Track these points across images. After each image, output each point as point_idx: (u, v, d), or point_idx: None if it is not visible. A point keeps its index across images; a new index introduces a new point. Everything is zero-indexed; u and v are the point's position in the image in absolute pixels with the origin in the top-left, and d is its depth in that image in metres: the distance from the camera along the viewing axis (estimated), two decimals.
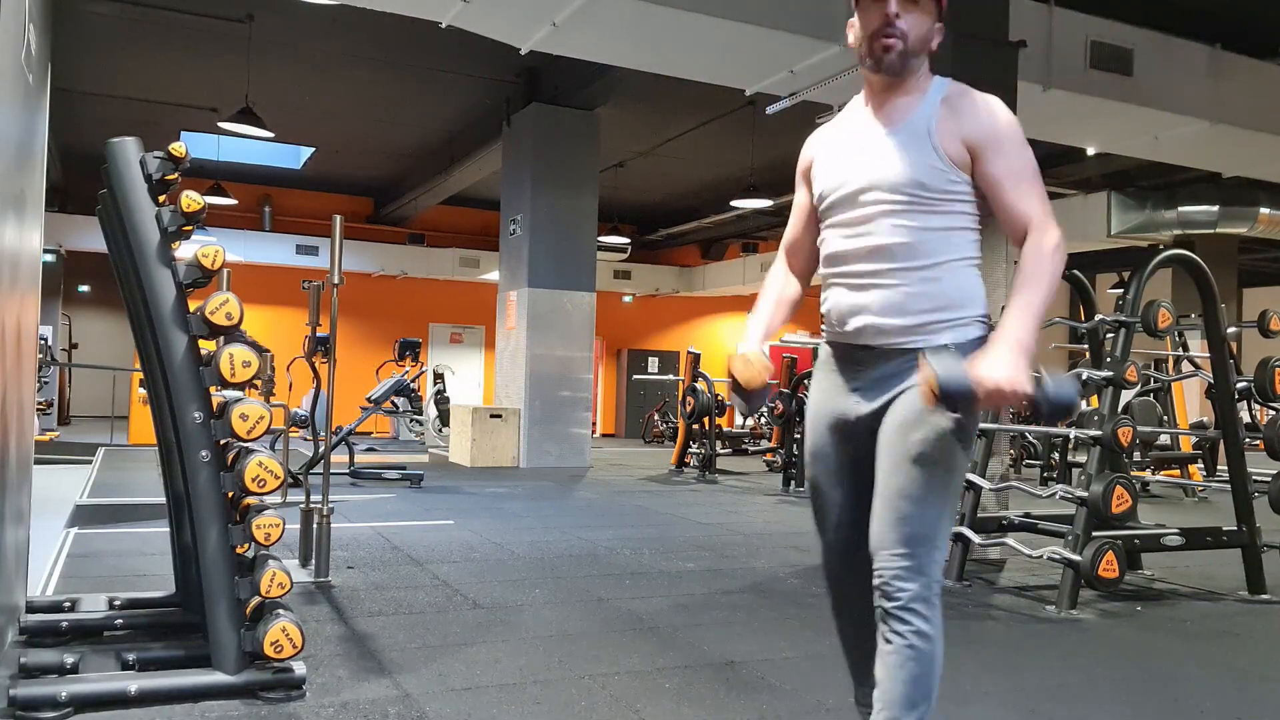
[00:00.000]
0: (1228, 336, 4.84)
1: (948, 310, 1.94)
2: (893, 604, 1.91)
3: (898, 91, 2.01)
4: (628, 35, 6.69)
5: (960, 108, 1.97)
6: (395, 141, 13.69)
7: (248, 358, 2.85)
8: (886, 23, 1.95)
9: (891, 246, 1.95)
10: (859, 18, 2.01)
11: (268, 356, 7.60)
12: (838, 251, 2.03)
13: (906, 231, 1.93)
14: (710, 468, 10.37)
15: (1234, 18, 7.94)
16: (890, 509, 1.93)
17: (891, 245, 1.94)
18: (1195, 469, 9.52)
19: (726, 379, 2.11)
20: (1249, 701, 3.11)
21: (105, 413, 14.63)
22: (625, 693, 2.97)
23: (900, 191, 1.94)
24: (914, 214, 1.93)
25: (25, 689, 2.57)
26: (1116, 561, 4.21)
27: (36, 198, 3.75)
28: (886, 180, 1.95)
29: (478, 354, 18.14)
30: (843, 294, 2.01)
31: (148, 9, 9.10)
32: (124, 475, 8.62)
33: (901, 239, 1.94)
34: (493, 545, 5.56)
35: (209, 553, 2.79)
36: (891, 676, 1.91)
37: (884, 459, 1.95)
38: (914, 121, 1.97)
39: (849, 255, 2.00)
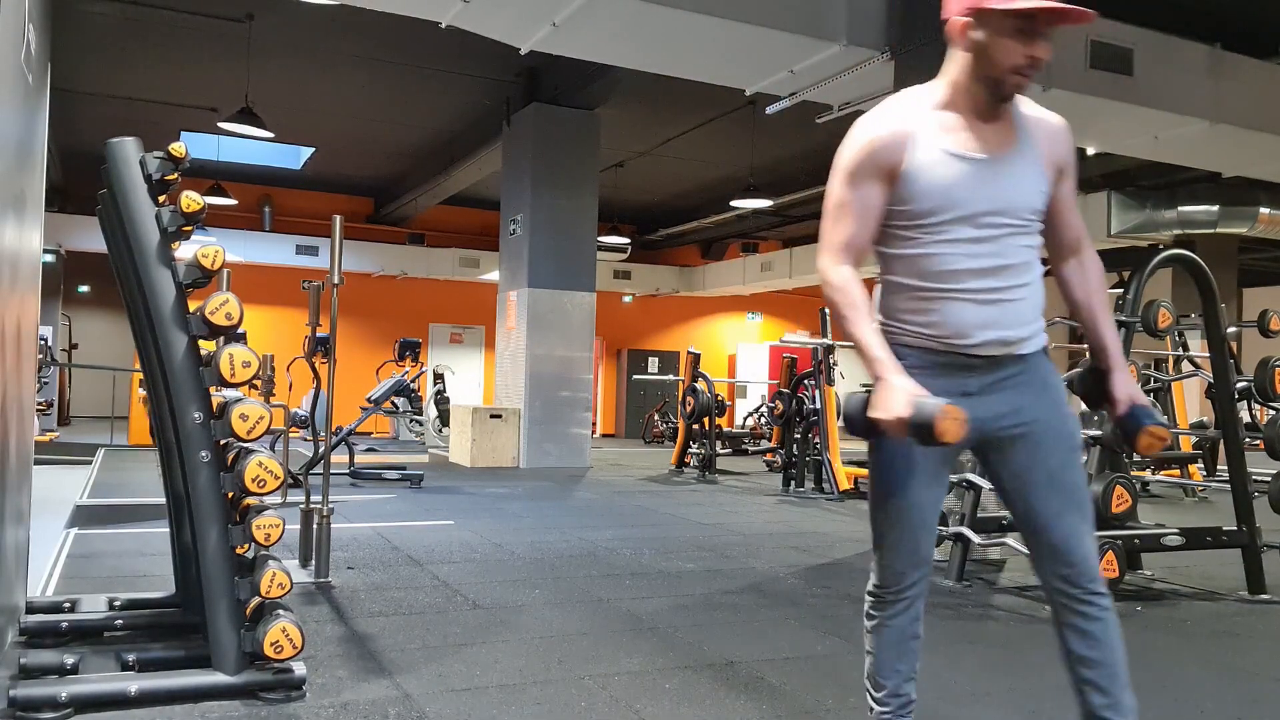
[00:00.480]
0: (1228, 336, 4.84)
1: (1041, 317, 2.12)
2: (1096, 584, 2.08)
3: (1000, 112, 2.05)
4: (628, 35, 6.69)
5: (1052, 134, 2.10)
6: (395, 141, 13.69)
7: (247, 358, 2.85)
8: (1031, 65, 1.98)
9: (1018, 266, 2.04)
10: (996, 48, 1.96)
11: (267, 358, 7.60)
12: (956, 269, 2.02)
13: (1027, 250, 2.06)
14: (710, 468, 10.36)
15: (1234, 17, 7.94)
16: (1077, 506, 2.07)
17: (1018, 264, 2.04)
18: (1195, 469, 9.52)
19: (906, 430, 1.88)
20: (1249, 701, 3.11)
21: (105, 413, 14.63)
22: (625, 693, 2.97)
23: (1026, 215, 2.05)
24: (1030, 234, 2.07)
25: (25, 689, 2.57)
26: (1116, 561, 4.21)
27: (36, 198, 3.75)
28: (1015, 206, 2.03)
29: (478, 354, 18.14)
30: (963, 309, 2.02)
31: (148, 9, 9.10)
32: (124, 475, 8.62)
33: (1024, 258, 2.05)
34: (493, 545, 5.56)
35: (209, 553, 2.79)
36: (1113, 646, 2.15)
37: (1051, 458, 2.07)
38: (1025, 146, 2.05)
39: (972, 273, 2.02)
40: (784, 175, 13.73)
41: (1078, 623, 2.09)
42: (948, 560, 5.00)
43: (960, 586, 4.71)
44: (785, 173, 13.66)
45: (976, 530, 4.73)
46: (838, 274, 2.05)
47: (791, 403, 9.60)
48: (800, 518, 7.31)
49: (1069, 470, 2.07)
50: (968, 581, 4.77)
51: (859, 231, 2.07)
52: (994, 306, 2.03)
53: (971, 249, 2.01)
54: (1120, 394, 2.13)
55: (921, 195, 2.01)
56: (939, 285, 2.03)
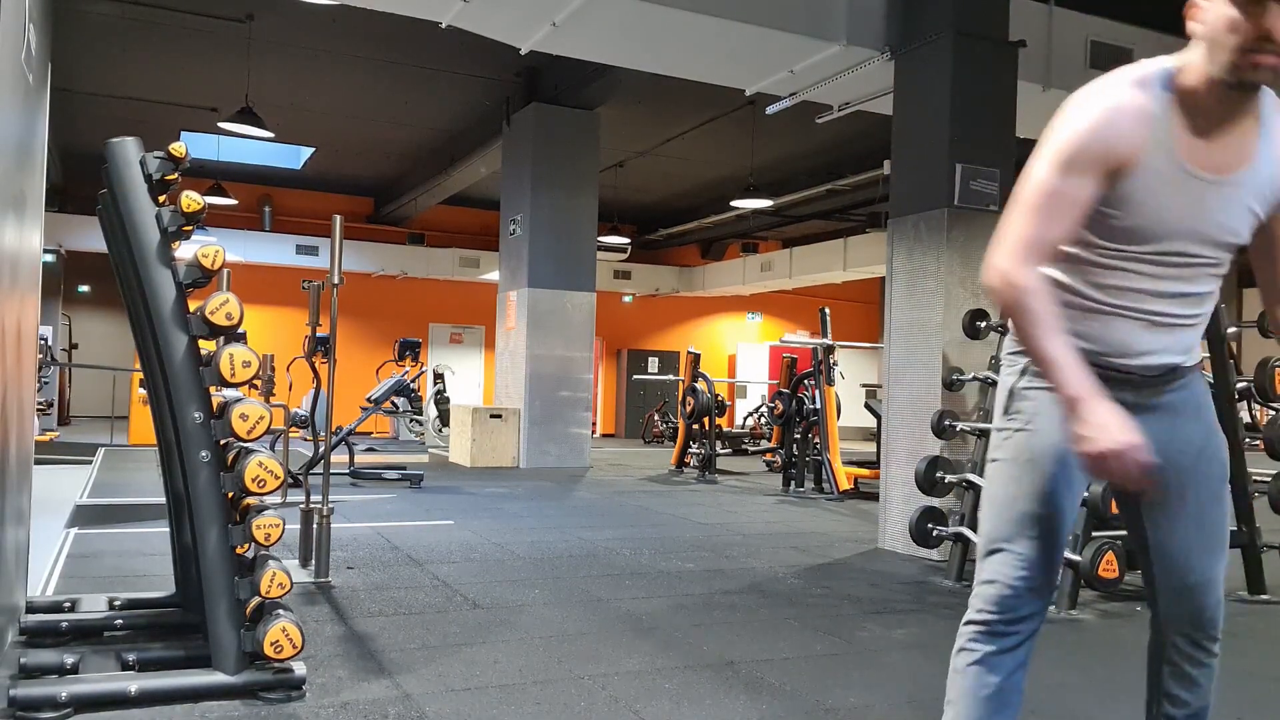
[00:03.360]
0: (1227, 336, 4.84)
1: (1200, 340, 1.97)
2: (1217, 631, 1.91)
3: (1238, 113, 1.68)
4: (628, 35, 6.69)
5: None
6: (395, 141, 13.70)
7: (248, 358, 2.85)
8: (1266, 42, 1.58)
9: (1204, 296, 1.82)
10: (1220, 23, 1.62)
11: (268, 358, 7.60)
12: (1133, 289, 1.77)
13: (1215, 280, 1.83)
14: (710, 468, 10.36)
15: None
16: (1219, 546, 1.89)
17: (1204, 295, 1.82)
18: None
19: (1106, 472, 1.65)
20: (1249, 701, 3.11)
21: (105, 413, 14.63)
22: (625, 693, 2.97)
23: (1230, 248, 1.79)
24: (1225, 266, 1.82)
25: (25, 689, 2.57)
26: (1116, 562, 4.21)
27: (36, 198, 3.75)
28: (1223, 240, 1.76)
29: (478, 354, 18.14)
30: (1132, 329, 1.80)
31: (148, 9, 9.10)
32: (124, 475, 8.62)
33: (1211, 289, 1.83)
34: (493, 545, 5.56)
35: (209, 553, 2.79)
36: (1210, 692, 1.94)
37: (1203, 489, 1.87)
38: (1259, 166, 1.71)
39: (1152, 295, 1.77)
40: (784, 175, 13.73)
41: (1186, 667, 1.90)
42: (947, 560, 5.00)
43: (960, 586, 4.71)
44: (785, 173, 13.66)
45: (976, 530, 4.73)
46: (1026, 276, 1.69)
47: (791, 403, 9.60)
48: (800, 518, 7.31)
49: (1217, 505, 1.88)
50: (967, 581, 4.77)
51: (1060, 230, 1.72)
52: (1167, 332, 1.81)
53: (1158, 271, 1.76)
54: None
55: (1133, 209, 1.70)
56: (1108, 301, 1.79)
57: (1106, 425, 1.61)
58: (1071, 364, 1.67)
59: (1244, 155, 1.69)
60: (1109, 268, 1.77)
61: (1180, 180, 1.67)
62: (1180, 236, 1.71)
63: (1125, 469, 1.60)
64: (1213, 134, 1.67)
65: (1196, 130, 1.66)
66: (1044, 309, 1.69)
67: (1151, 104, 1.66)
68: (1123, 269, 1.76)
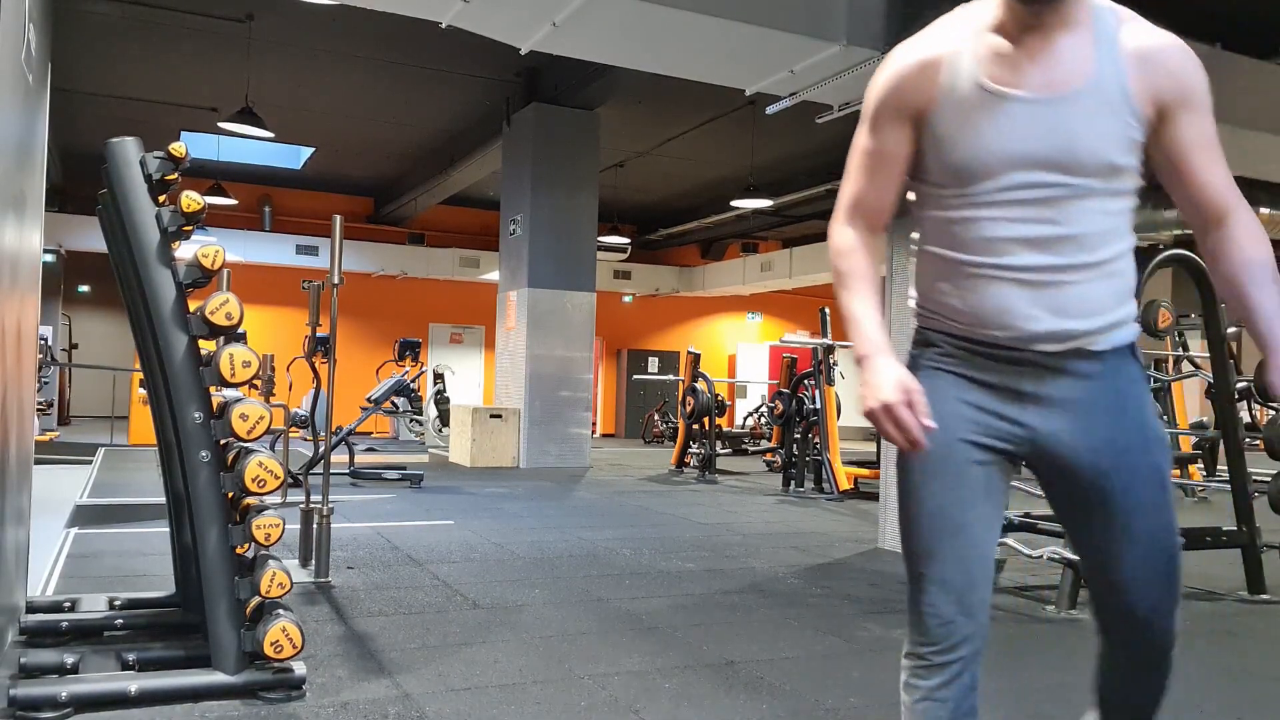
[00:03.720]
0: (1227, 336, 4.84)
1: (1127, 305, 1.63)
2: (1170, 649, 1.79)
3: (1057, 25, 1.54)
4: (628, 35, 6.69)
5: (1149, 54, 1.56)
6: (395, 141, 13.70)
7: (248, 358, 2.85)
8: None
9: (1085, 237, 1.56)
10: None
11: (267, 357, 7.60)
12: (996, 238, 1.57)
13: (1102, 218, 1.56)
14: (710, 468, 10.36)
15: (1234, 17, 7.94)
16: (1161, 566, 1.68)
17: (1084, 236, 1.56)
18: (1195, 469, 9.52)
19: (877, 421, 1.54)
20: (1249, 701, 3.11)
21: (105, 413, 14.63)
22: (625, 693, 2.97)
23: (1097, 172, 1.54)
24: (1108, 197, 1.56)
25: (25, 689, 2.57)
26: None
27: (36, 198, 3.75)
28: (1080, 159, 1.53)
29: (478, 354, 18.14)
30: (1006, 291, 1.57)
31: (148, 9, 9.10)
32: (124, 475, 8.62)
33: (1096, 227, 1.56)
34: (493, 545, 5.56)
35: (209, 553, 2.79)
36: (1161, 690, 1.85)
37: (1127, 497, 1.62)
38: (1100, 77, 1.53)
39: (1018, 243, 1.56)
40: (784, 175, 13.73)
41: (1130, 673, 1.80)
42: None
43: None
44: (785, 173, 13.66)
45: None
46: (840, 237, 1.69)
47: (791, 403, 9.60)
48: (800, 518, 7.31)
49: (1152, 516, 1.64)
50: None
51: (873, 188, 1.67)
52: (1050, 290, 1.56)
53: (1018, 213, 1.56)
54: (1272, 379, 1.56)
55: (948, 144, 1.58)
56: (975, 259, 1.60)
57: (879, 383, 1.52)
58: (866, 322, 1.60)
59: (1077, 70, 1.53)
60: (965, 219, 1.60)
61: (990, 103, 1.55)
62: (1017, 165, 1.54)
63: (893, 428, 1.50)
64: (1025, 52, 1.54)
65: (1006, 51, 1.55)
66: (850, 267, 1.66)
67: (954, 36, 1.59)
68: (977, 217, 1.59)
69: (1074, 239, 1.56)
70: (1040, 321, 1.57)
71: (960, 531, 1.62)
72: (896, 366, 1.54)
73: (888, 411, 1.50)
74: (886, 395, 1.50)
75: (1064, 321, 1.57)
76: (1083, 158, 1.53)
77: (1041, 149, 1.53)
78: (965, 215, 1.59)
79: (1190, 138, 1.57)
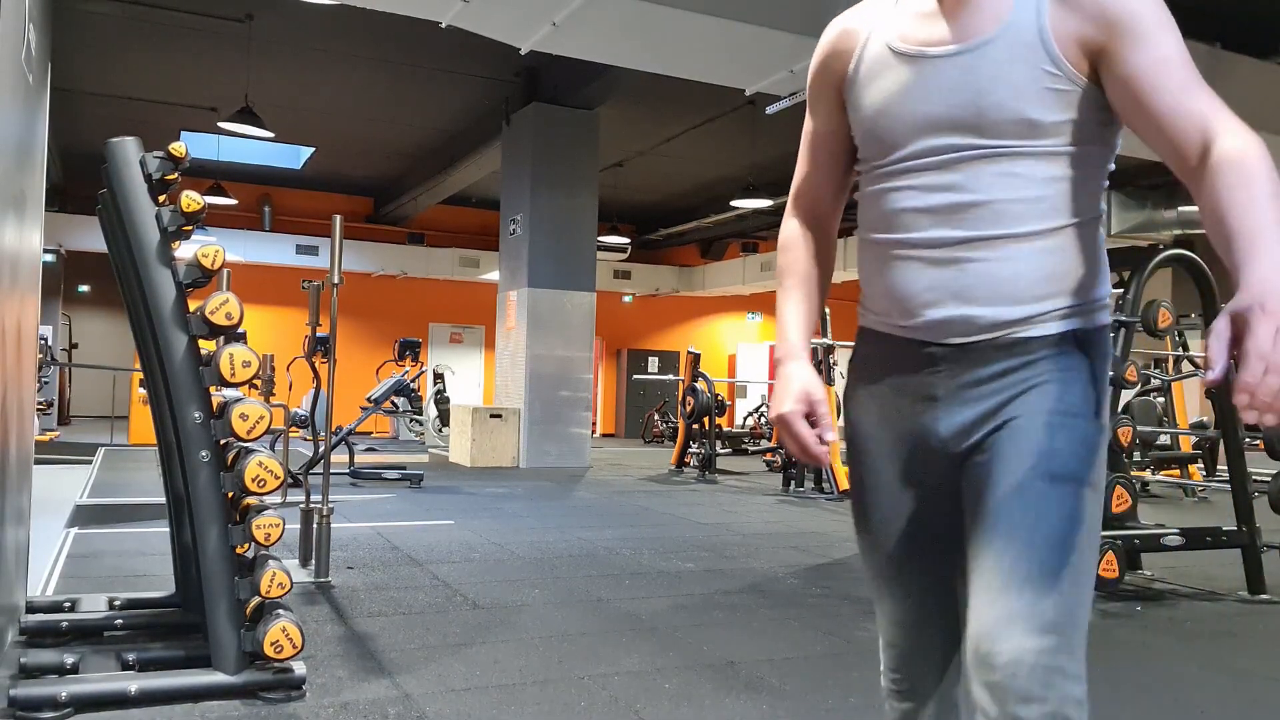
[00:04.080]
0: None
1: (1071, 292, 1.33)
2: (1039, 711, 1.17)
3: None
4: (627, 35, 6.69)
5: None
6: (395, 141, 13.70)
7: (247, 358, 2.85)
8: None
9: (999, 206, 1.31)
10: None
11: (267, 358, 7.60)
12: (902, 211, 1.37)
13: (1022, 184, 1.31)
14: (710, 468, 10.37)
15: (1234, 17, 7.94)
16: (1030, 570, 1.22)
17: (996, 204, 1.31)
18: (1195, 469, 9.52)
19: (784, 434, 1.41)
20: (1249, 702, 3.11)
21: (105, 413, 14.63)
22: (625, 693, 2.97)
23: (1010, 130, 1.30)
24: (1029, 158, 1.31)
25: (25, 689, 2.57)
26: (1116, 562, 4.21)
27: (36, 198, 3.75)
28: (986, 115, 1.31)
29: (478, 354, 18.14)
30: (913, 272, 1.36)
31: (148, 9, 9.10)
32: (124, 475, 8.62)
33: (1015, 194, 1.31)
34: (493, 545, 5.56)
35: (209, 553, 2.79)
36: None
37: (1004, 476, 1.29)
38: (1014, 22, 1.31)
39: (923, 218, 1.35)
40: (784, 175, 13.73)
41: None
42: None
43: None
44: (785, 173, 13.61)
45: None
46: (783, 230, 1.58)
47: None
48: (800, 518, 7.31)
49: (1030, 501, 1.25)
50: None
51: (812, 173, 1.55)
52: (952, 269, 1.33)
53: (922, 181, 1.36)
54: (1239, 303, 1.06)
55: (862, 114, 1.43)
56: (883, 236, 1.41)
57: (780, 392, 1.41)
58: (788, 324, 1.49)
59: (989, 17, 1.33)
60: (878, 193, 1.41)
61: (898, 65, 1.39)
62: (924, 129, 1.35)
63: (790, 442, 1.39)
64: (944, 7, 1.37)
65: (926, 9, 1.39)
66: (785, 263, 1.54)
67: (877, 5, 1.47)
68: (886, 189, 1.40)
69: (983, 208, 1.31)
70: (940, 307, 1.34)
71: (901, 572, 1.44)
72: (804, 374, 1.41)
73: (783, 424, 1.39)
74: (783, 406, 1.39)
75: (968, 308, 1.32)
76: (990, 114, 1.31)
77: (946, 109, 1.34)
78: (878, 189, 1.42)
79: (1140, 66, 1.26)
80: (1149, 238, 12.45)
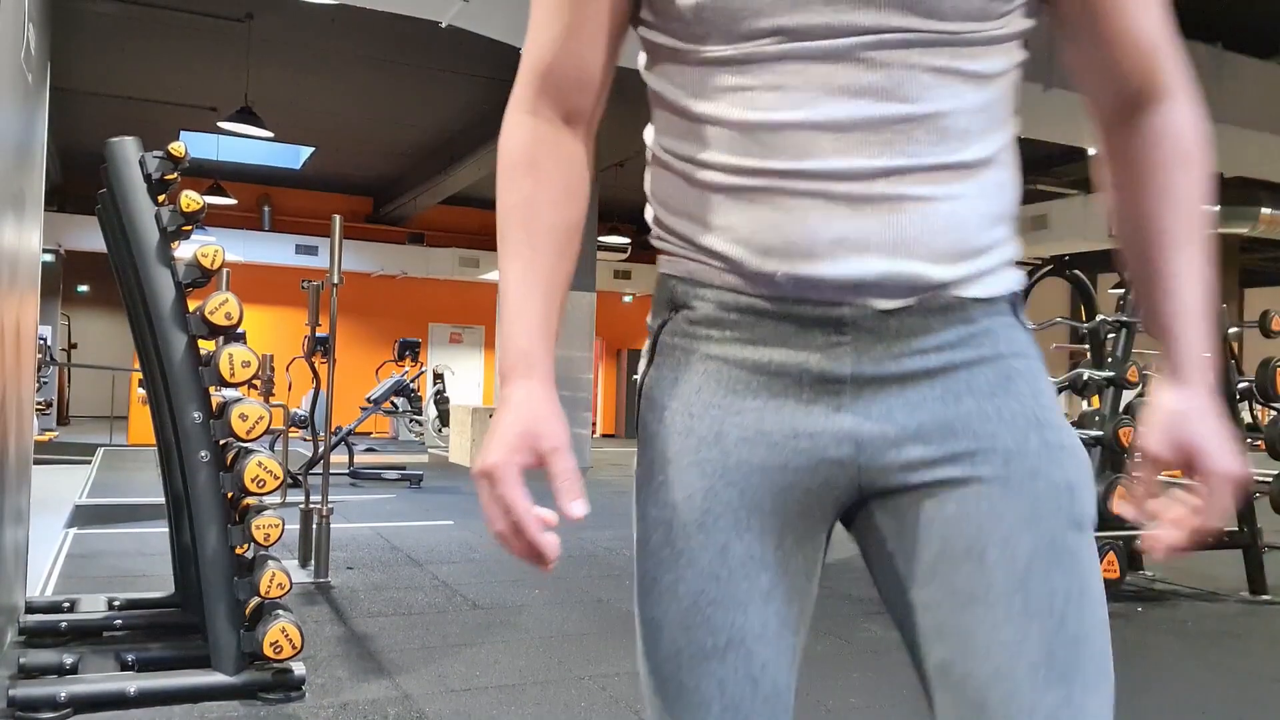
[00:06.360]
0: (1229, 336, 4.84)
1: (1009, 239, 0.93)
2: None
3: None
4: (627, 35, 6.69)
5: None
6: (395, 141, 13.69)
7: (247, 358, 2.85)
8: None
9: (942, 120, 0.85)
10: None
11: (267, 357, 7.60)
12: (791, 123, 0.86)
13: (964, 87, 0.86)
14: None
15: (1235, 17, 7.94)
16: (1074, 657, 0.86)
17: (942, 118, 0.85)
18: None
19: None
20: (1249, 702, 3.10)
21: (105, 413, 14.63)
22: (625, 693, 2.96)
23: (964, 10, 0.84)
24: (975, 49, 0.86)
25: (25, 689, 2.57)
26: (1117, 562, 4.21)
27: (36, 198, 3.75)
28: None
29: (478, 354, 18.14)
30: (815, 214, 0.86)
31: (147, 9, 9.10)
32: (124, 475, 8.62)
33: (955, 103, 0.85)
34: (493, 545, 5.56)
35: (208, 553, 2.79)
36: None
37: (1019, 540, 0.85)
38: None
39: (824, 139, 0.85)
40: None
41: None
42: None
43: None
44: None
45: None
46: (513, 135, 0.98)
47: None
48: None
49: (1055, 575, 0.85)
50: None
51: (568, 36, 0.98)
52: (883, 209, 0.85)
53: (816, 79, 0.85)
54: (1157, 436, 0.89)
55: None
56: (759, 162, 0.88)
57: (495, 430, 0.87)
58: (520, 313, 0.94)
59: None
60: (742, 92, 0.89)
61: None
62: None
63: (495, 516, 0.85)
64: None
65: None
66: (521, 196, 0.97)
67: None
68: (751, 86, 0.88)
69: (925, 124, 0.85)
70: (865, 262, 0.85)
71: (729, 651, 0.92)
72: (537, 402, 0.89)
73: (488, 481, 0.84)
74: (490, 455, 0.85)
75: (907, 262, 0.85)
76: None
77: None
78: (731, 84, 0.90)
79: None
80: None
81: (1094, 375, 4.50)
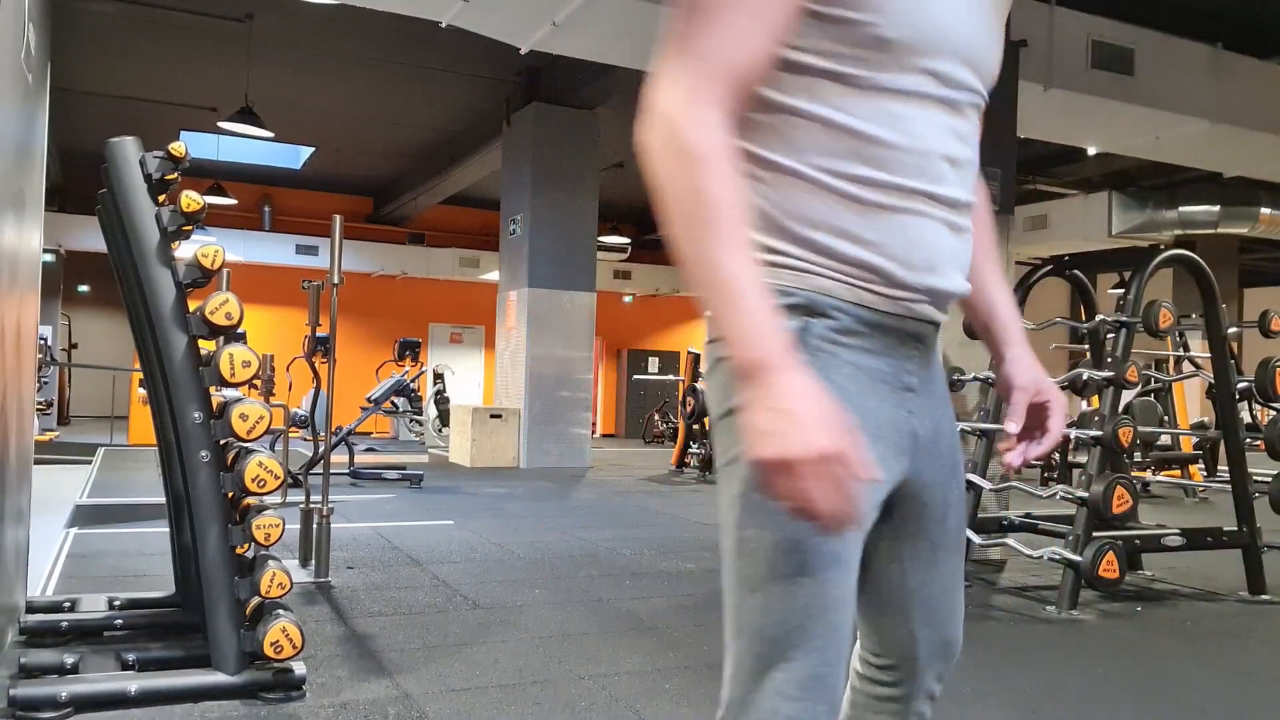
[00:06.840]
0: (1228, 336, 4.84)
1: None
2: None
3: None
4: (628, 35, 6.69)
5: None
6: (395, 141, 13.70)
7: (247, 358, 2.85)
8: None
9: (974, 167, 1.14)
10: None
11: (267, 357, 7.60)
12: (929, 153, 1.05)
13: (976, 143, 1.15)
14: (710, 468, 10.36)
15: (1235, 17, 7.95)
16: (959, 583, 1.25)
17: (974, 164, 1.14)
18: (1196, 469, 9.52)
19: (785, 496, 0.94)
20: (1249, 702, 3.11)
21: (105, 413, 14.63)
22: (625, 693, 2.96)
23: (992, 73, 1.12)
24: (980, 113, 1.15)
25: (25, 689, 2.57)
26: (1117, 562, 4.21)
27: (36, 197, 3.75)
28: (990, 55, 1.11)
29: (478, 354, 18.14)
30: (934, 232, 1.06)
31: (147, 9, 9.10)
32: (124, 475, 8.62)
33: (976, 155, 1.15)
34: (493, 545, 5.56)
35: (209, 553, 2.79)
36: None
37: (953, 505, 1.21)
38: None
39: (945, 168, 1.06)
40: None
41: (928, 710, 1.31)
42: None
43: None
44: None
45: (977, 530, 4.73)
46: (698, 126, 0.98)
47: None
48: None
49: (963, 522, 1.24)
50: (968, 582, 4.77)
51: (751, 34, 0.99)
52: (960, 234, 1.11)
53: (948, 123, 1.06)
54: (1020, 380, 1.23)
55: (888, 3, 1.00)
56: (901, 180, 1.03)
57: (806, 414, 0.91)
58: (758, 300, 0.96)
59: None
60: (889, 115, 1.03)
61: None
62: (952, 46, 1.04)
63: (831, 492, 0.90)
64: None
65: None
66: (721, 192, 0.96)
67: None
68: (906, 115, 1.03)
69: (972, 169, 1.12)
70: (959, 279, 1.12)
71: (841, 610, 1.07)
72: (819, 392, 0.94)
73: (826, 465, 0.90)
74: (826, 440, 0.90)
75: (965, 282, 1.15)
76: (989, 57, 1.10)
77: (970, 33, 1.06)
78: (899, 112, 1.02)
79: None
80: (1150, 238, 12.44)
81: (1094, 375, 4.51)
